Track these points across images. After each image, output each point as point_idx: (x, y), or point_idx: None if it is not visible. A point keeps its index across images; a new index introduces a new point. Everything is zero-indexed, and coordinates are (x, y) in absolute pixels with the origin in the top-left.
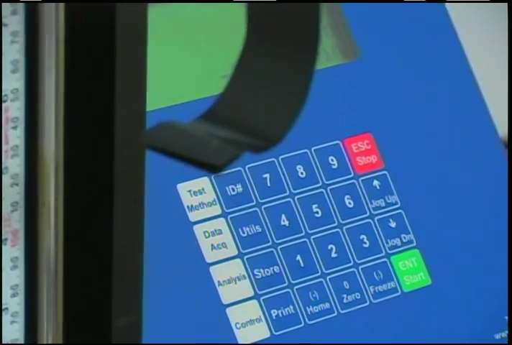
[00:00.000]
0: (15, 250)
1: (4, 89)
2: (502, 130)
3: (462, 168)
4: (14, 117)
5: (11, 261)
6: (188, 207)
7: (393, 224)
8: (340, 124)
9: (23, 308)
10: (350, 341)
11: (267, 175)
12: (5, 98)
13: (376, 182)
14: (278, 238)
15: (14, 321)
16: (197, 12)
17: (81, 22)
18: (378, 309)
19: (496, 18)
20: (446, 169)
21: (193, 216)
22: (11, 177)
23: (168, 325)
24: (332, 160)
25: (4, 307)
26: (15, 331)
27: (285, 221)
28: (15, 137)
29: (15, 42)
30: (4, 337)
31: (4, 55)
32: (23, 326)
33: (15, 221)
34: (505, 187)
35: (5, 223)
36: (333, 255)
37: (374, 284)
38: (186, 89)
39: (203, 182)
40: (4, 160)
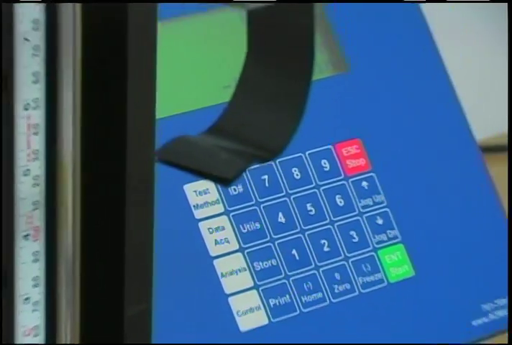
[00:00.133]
0: (36, 245)
1: (26, 98)
2: (478, 135)
3: (442, 170)
4: (36, 124)
5: (32, 255)
6: (194, 206)
7: (380, 221)
8: (331, 131)
9: (43, 298)
10: (341, 327)
11: (265, 177)
12: (27, 107)
13: (364, 183)
14: (276, 233)
15: (36, 310)
16: (201, 27)
17: (96, 39)
18: (366, 298)
19: (475, 24)
20: (427, 171)
21: (198, 214)
22: (32, 178)
23: (176, 313)
24: (324, 163)
25: (26, 296)
26: (36, 318)
27: (282, 218)
28: (36, 142)
29: (36, 56)
30: (26, 324)
31: (26, 68)
32: (43, 314)
33: (36, 219)
34: (481, 187)
35: (27, 220)
36: (325, 249)
37: (362, 275)
38: (191, 99)
39: (207, 183)
40: (27, 163)
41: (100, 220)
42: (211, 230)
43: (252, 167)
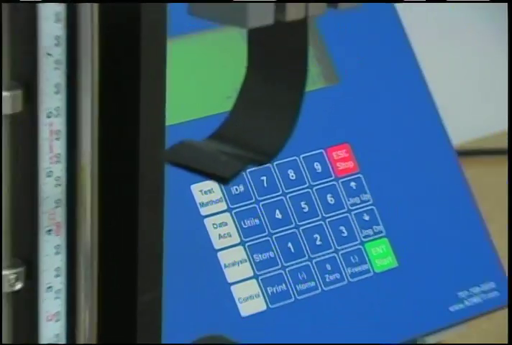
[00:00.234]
0: (58, 239)
1: (49, 107)
2: (454, 140)
3: (422, 172)
4: (58, 130)
5: (54, 248)
6: (200, 203)
7: (367, 217)
8: (323, 136)
9: (65, 286)
10: (332, 312)
11: (264, 178)
12: (50, 115)
13: (352, 183)
14: (273, 229)
15: (57, 297)
16: (206, 44)
17: (113, 55)
18: (354, 287)
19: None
20: (409, 173)
21: (204, 211)
22: (55, 179)
23: (183, 299)
24: (317, 165)
25: (49, 285)
26: (58, 305)
27: (279, 215)
28: (58, 147)
29: (58, 69)
30: (49, 310)
31: (49, 80)
32: (65, 301)
33: (58, 215)
34: (457, 187)
35: (50, 217)
36: (317, 243)
37: (351, 266)
38: (196, 108)
39: (212, 183)
40: (50, 165)
41: (115, 216)
42: (215, 225)
43: (252, 169)
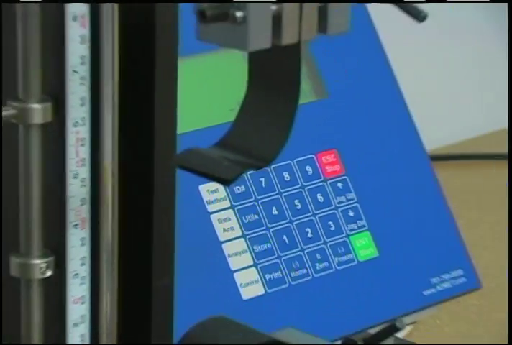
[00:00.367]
0: (83, 232)
1: (75, 118)
2: (428, 146)
3: (399, 174)
4: (83, 138)
5: (80, 240)
6: (207, 201)
7: (351, 214)
8: (314, 143)
9: (89, 274)
10: (321, 296)
11: (262, 179)
12: (76, 124)
13: (339, 184)
14: (270, 223)
15: (83, 283)
16: (213, 63)
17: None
18: (341, 273)
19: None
20: (388, 175)
21: (210, 208)
22: (80, 180)
23: (192, 285)
24: (308, 168)
25: (75, 273)
26: (83, 290)
27: (275, 211)
28: (83, 152)
29: (83, 84)
30: (75, 294)
31: (75, 94)
32: (89, 287)
33: (83, 212)
34: (430, 187)
35: (76, 213)
36: (309, 235)
37: (338, 256)
38: (203, 118)
39: (217, 184)
40: (76, 168)
41: (133, 213)
42: (220, 220)
43: (252, 172)
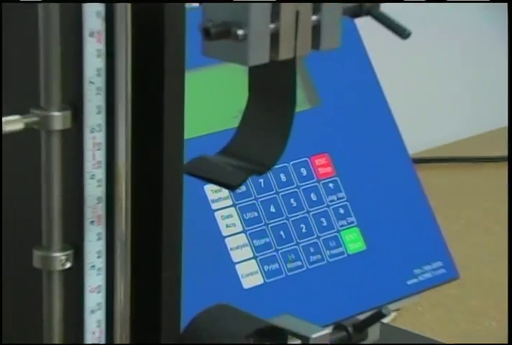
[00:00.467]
0: (99, 228)
1: (92, 124)
2: (411, 150)
3: (385, 176)
4: (99, 142)
5: (96, 235)
6: (211, 200)
7: (342, 211)
8: (308, 148)
9: (104, 266)
10: (315, 286)
11: (261, 180)
12: (93, 130)
13: (331, 184)
14: (268, 220)
15: (99, 274)
16: (217, 75)
17: (144, 84)
18: (332, 265)
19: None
20: (375, 176)
21: (214, 206)
22: (96, 181)
23: (198, 276)
24: (303, 170)
25: (92, 264)
26: (99, 280)
27: (273, 209)
28: (99, 155)
29: (99, 94)
30: (91, 284)
31: (92, 102)
32: (104, 277)
33: (99, 210)
34: (412, 187)
35: (93, 210)
36: (303, 231)
37: (329, 249)
38: (208, 125)
39: None
40: (92, 170)
41: (144, 212)
42: (223, 217)
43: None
